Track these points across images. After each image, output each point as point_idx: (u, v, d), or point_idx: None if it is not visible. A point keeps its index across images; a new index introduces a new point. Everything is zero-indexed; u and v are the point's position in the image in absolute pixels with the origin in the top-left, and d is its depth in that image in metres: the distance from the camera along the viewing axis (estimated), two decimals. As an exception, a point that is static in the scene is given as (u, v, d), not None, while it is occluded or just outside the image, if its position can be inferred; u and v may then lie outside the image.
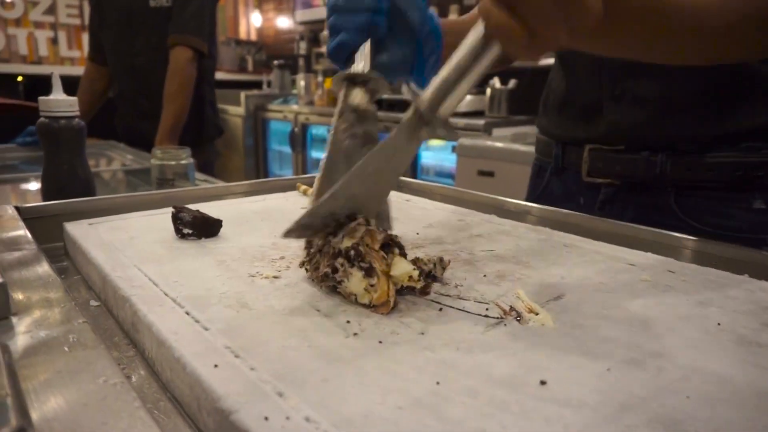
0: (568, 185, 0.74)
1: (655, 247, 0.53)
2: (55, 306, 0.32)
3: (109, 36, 1.45)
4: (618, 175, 0.66)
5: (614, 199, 0.68)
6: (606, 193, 0.69)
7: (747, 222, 0.60)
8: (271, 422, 0.24)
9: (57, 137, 0.71)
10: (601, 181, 0.68)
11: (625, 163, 0.65)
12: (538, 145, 0.81)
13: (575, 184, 0.72)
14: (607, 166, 0.67)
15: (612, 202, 0.68)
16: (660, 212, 0.64)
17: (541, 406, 0.26)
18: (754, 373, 0.30)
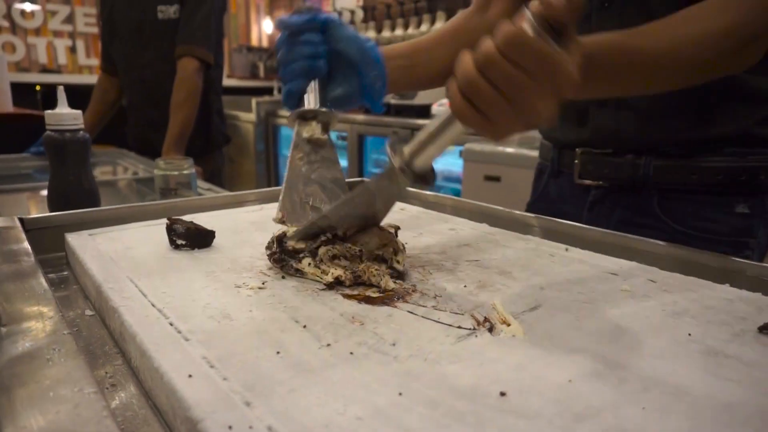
0: (563, 187, 0.76)
1: (641, 255, 0.53)
2: (43, 318, 0.34)
3: (119, 48, 1.49)
4: (605, 178, 0.68)
5: (603, 200, 0.70)
6: (595, 195, 0.70)
7: (729, 226, 0.61)
8: (235, 431, 0.25)
9: (62, 149, 0.74)
10: (590, 183, 0.70)
11: (611, 165, 0.67)
12: (541, 149, 0.83)
13: (569, 186, 0.74)
14: (596, 168, 0.69)
15: (601, 203, 0.70)
16: (644, 214, 0.65)
17: (497, 417, 0.27)
18: (715, 385, 0.30)
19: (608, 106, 0.66)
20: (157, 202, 0.69)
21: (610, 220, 0.68)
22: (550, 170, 0.77)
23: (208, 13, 1.38)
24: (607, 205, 0.69)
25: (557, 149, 0.75)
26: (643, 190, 0.66)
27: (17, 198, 1.12)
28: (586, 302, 0.42)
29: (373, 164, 3.00)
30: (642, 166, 0.64)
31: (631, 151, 0.65)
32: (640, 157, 0.64)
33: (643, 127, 0.64)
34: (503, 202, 0.85)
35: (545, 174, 0.79)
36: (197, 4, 1.37)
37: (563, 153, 0.74)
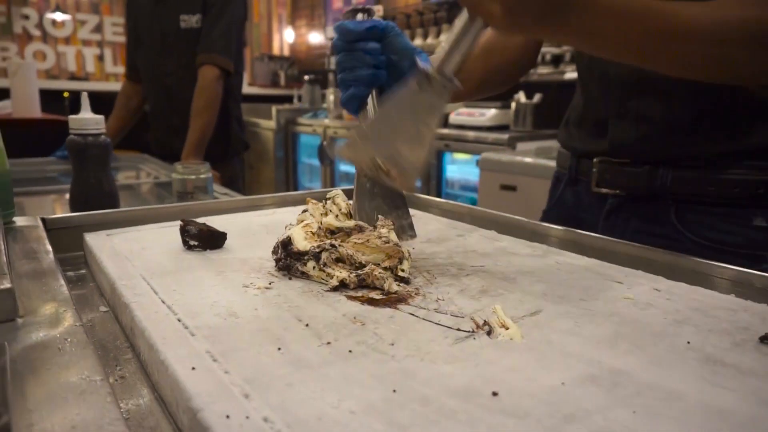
0: (580, 196, 0.76)
1: (648, 264, 0.53)
2: (58, 311, 0.35)
3: (143, 55, 1.53)
4: (622, 187, 0.68)
5: (619, 209, 0.69)
6: (612, 204, 0.70)
7: (746, 238, 0.60)
8: (232, 420, 0.26)
9: (85, 152, 0.76)
10: (607, 191, 0.70)
11: (628, 175, 0.67)
12: (558, 157, 0.83)
13: (586, 195, 0.74)
14: (613, 177, 0.69)
15: (617, 212, 0.70)
16: (660, 224, 0.65)
17: (487, 416, 0.27)
18: (709, 392, 0.30)
19: (628, 118, 0.66)
20: (172, 205, 0.71)
21: (626, 230, 0.68)
22: (567, 178, 0.78)
23: (229, 22, 1.42)
24: (623, 214, 0.69)
25: (575, 157, 0.76)
26: (660, 200, 0.65)
27: (42, 200, 1.16)
28: (587, 309, 0.42)
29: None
30: (659, 176, 0.64)
31: (649, 163, 0.65)
32: (658, 167, 0.64)
33: (661, 140, 0.64)
34: (519, 211, 0.85)
35: (562, 182, 0.79)
36: (219, 14, 1.41)
37: (581, 161, 0.74)
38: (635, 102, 0.65)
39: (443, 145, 2.42)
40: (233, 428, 0.26)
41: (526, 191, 1.82)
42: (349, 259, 0.48)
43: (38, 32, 5.38)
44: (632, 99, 0.65)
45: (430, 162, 2.45)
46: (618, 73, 0.66)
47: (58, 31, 5.47)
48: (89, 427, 0.22)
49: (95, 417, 0.23)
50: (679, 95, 0.62)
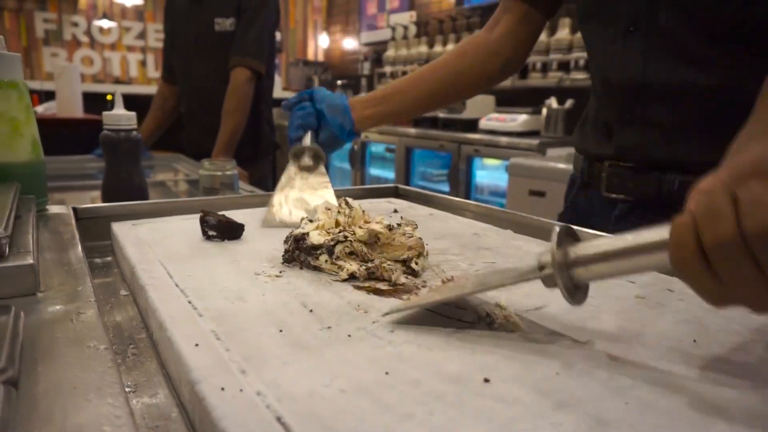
0: (591, 200, 0.75)
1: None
2: (75, 288, 0.37)
3: (179, 58, 1.59)
4: (631, 192, 0.67)
5: (628, 215, 0.68)
6: (621, 209, 0.69)
7: None
8: (226, 392, 0.27)
9: (117, 147, 0.80)
10: (617, 196, 0.69)
11: (636, 180, 0.66)
12: (574, 160, 0.82)
13: (597, 200, 0.73)
14: (621, 182, 0.68)
15: (626, 218, 0.69)
16: None
17: (476, 400, 0.28)
18: (708, 388, 0.30)
19: (633, 123, 0.65)
20: (196, 198, 0.73)
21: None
22: (579, 182, 0.77)
23: (261, 26, 1.45)
24: (632, 220, 0.68)
25: (587, 161, 0.75)
26: (669, 207, 0.64)
27: (80, 194, 1.22)
28: (595, 306, 0.42)
29: (420, 176, 3.01)
30: (667, 182, 0.63)
31: (656, 168, 0.64)
32: (665, 173, 0.63)
33: (668, 146, 0.63)
34: (547, 217, 0.84)
35: (576, 185, 0.78)
36: (252, 18, 1.44)
37: (592, 165, 0.74)
38: (640, 107, 0.64)
39: (473, 150, 2.41)
40: (227, 400, 0.27)
41: (554, 197, 1.80)
42: (362, 253, 0.49)
43: (86, 39, 5.62)
44: (636, 104, 0.65)
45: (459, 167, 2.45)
46: (620, 78, 0.66)
47: (104, 38, 5.71)
48: (88, 387, 0.24)
49: (95, 380, 0.25)
50: (684, 99, 0.61)
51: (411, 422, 0.26)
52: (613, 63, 0.67)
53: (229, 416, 0.25)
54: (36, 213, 0.56)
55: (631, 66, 0.64)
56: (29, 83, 1.72)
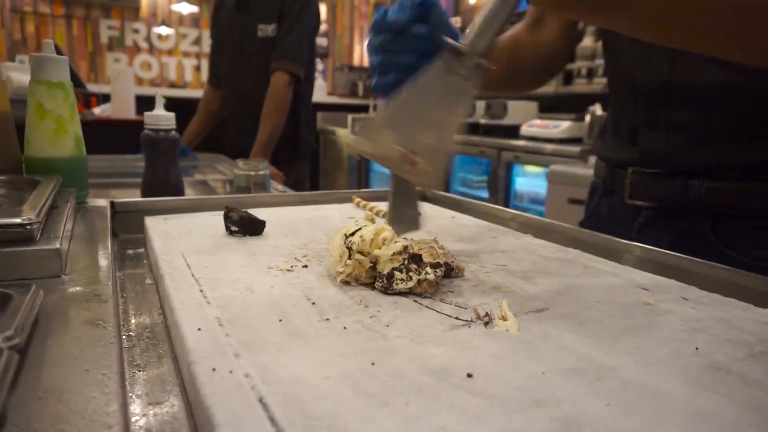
0: (614, 207, 0.73)
1: (682, 274, 0.51)
2: (97, 273, 0.40)
3: (224, 63, 1.65)
4: (656, 199, 0.65)
5: (653, 223, 0.66)
6: (645, 216, 0.67)
7: None
8: (216, 373, 0.29)
9: (156, 146, 0.84)
10: (641, 203, 0.67)
11: (661, 186, 0.64)
12: (595, 167, 0.81)
13: (620, 207, 0.71)
14: (646, 189, 0.66)
15: (650, 225, 0.67)
16: (696, 239, 0.61)
17: (454, 393, 0.28)
18: (700, 395, 0.29)
19: (659, 128, 0.63)
20: (226, 196, 0.77)
21: (659, 243, 0.64)
22: (602, 189, 0.75)
23: (301, 32, 1.49)
24: (657, 227, 0.66)
25: (609, 168, 0.73)
26: (696, 213, 0.62)
27: (125, 190, 1.28)
28: (600, 311, 0.41)
29: (460, 182, 3.00)
30: (693, 188, 0.61)
31: (682, 173, 0.62)
32: (692, 178, 0.61)
33: (695, 150, 0.61)
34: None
35: (597, 193, 0.77)
36: (292, 24, 1.49)
37: (615, 172, 0.72)
38: (665, 110, 0.62)
39: (513, 157, 2.38)
40: (215, 380, 0.28)
41: (594, 205, 1.75)
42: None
43: (146, 45, 5.92)
44: (662, 106, 0.63)
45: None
46: (647, 79, 0.64)
47: (162, 44, 5.99)
48: (88, 359, 0.26)
49: (97, 353, 0.27)
50: (713, 102, 0.58)
51: (385, 410, 0.26)
52: (638, 63, 0.65)
53: (215, 394, 0.27)
54: (75, 204, 0.60)
55: (657, 65, 0.63)
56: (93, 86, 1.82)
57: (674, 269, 0.53)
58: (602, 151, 0.75)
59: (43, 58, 0.60)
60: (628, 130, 0.67)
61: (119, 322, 0.32)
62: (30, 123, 0.60)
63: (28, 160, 0.62)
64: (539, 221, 0.72)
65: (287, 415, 0.25)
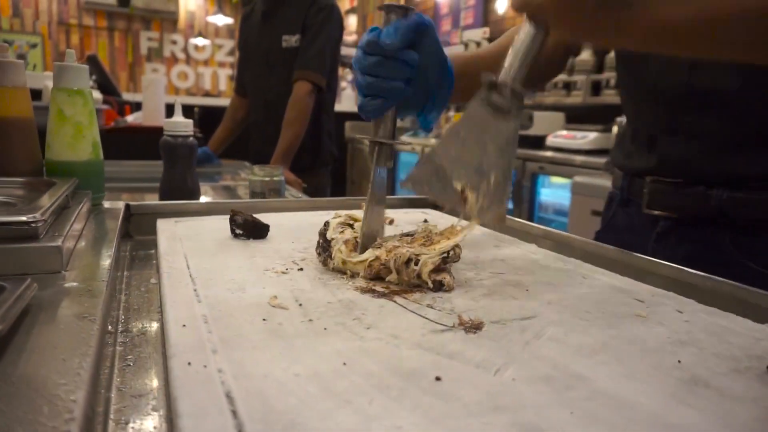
0: (631, 217, 0.72)
1: (683, 286, 0.49)
2: (96, 270, 0.42)
3: (250, 72, 1.70)
4: (674, 208, 0.64)
5: (670, 233, 0.65)
6: (663, 227, 0.66)
7: None
8: (191, 367, 0.30)
9: (174, 151, 0.87)
10: (659, 213, 0.66)
11: (680, 196, 0.63)
12: (613, 177, 0.79)
13: (637, 217, 0.70)
14: (664, 198, 0.65)
15: (668, 236, 0.65)
16: (716, 251, 0.60)
17: (418, 395, 0.28)
18: (671, 408, 0.28)
19: (679, 135, 0.62)
20: (238, 201, 0.79)
21: (677, 254, 0.63)
22: (619, 198, 0.74)
23: (324, 42, 1.52)
24: (674, 238, 0.65)
25: (627, 177, 0.72)
26: (715, 224, 0.60)
27: (147, 194, 1.33)
28: (587, 320, 0.41)
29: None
30: (713, 197, 0.59)
31: (702, 182, 0.60)
32: (712, 188, 0.59)
33: (715, 159, 0.59)
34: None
35: (614, 203, 0.75)
36: (315, 34, 1.52)
37: (633, 181, 0.71)
38: (687, 117, 0.61)
39: (537, 168, 2.35)
40: (189, 373, 0.29)
41: (618, 218, 1.72)
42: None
43: (183, 55, 6.10)
44: (683, 113, 0.61)
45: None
46: (668, 86, 0.62)
47: (199, 54, 6.17)
48: (67, 349, 0.27)
49: (76, 344, 0.28)
50: (735, 108, 0.57)
51: (347, 408, 0.27)
52: (658, 69, 0.64)
53: (184, 386, 0.28)
54: (90, 206, 0.62)
55: (677, 70, 0.61)
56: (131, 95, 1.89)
57: (676, 282, 0.51)
58: (620, 160, 0.73)
59: (64, 66, 0.63)
60: (646, 138, 0.66)
61: (106, 317, 0.33)
62: (51, 128, 0.64)
63: (48, 163, 0.65)
64: (545, 231, 0.71)
65: (250, 409, 0.26)
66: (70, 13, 5.55)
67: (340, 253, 0.51)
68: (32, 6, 5.38)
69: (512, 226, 0.77)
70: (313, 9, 1.53)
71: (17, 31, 5.35)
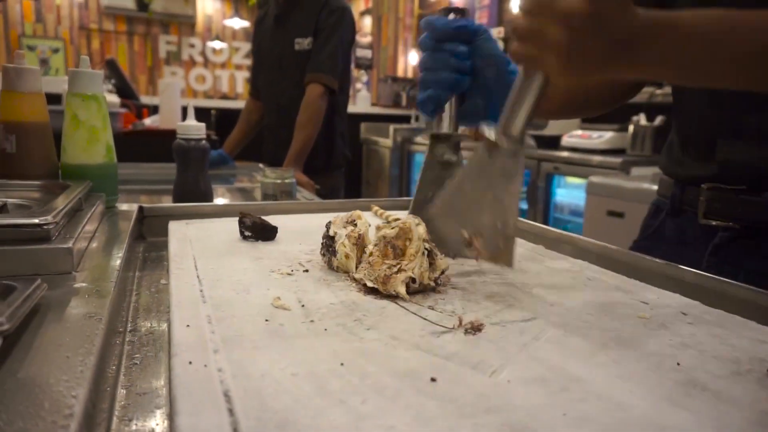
0: (683, 228, 0.68)
1: (695, 291, 0.49)
2: (105, 272, 0.43)
3: (263, 76, 1.72)
4: (737, 218, 0.60)
5: (731, 245, 0.61)
6: (722, 238, 0.62)
7: None
8: (192, 366, 0.31)
9: (187, 154, 0.89)
10: (718, 223, 0.61)
11: (744, 204, 0.59)
12: (660, 185, 0.76)
13: (691, 228, 0.66)
14: (725, 207, 0.61)
15: (728, 248, 0.61)
16: None
17: (412, 396, 0.29)
18: (665, 410, 0.28)
19: (742, 136, 0.58)
20: (248, 203, 0.80)
21: (737, 269, 0.59)
22: (669, 208, 0.69)
23: (336, 44, 1.53)
24: (735, 250, 0.60)
25: (679, 185, 0.67)
26: None
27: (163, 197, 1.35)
28: (587, 322, 0.41)
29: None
30: None
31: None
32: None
33: None
34: (624, 239, 0.78)
35: (663, 212, 0.71)
36: (327, 37, 1.53)
37: (687, 189, 0.66)
38: (753, 117, 0.57)
39: (552, 168, 2.33)
40: (189, 372, 0.30)
41: (634, 219, 1.69)
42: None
43: (201, 59, 6.18)
44: (749, 114, 0.57)
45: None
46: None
47: (216, 57, 6.24)
48: (71, 348, 0.28)
49: (80, 342, 0.29)
50: None
51: (340, 407, 0.27)
52: None
53: (184, 385, 0.29)
54: (104, 208, 0.64)
55: None
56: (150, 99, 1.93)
57: (685, 284, 0.51)
58: (670, 167, 0.69)
59: (79, 72, 0.65)
60: (704, 142, 0.63)
61: (113, 316, 0.34)
62: (66, 132, 0.66)
63: (63, 166, 0.67)
64: (556, 233, 0.71)
65: (246, 407, 0.27)
66: (90, 18, 5.66)
67: (344, 247, 0.51)
68: (54, 12, 5.51)
69: (522, 228, 0.77)
70: (325, 12, 1.54)
71: (40, 36, 5.48)
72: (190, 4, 5.98)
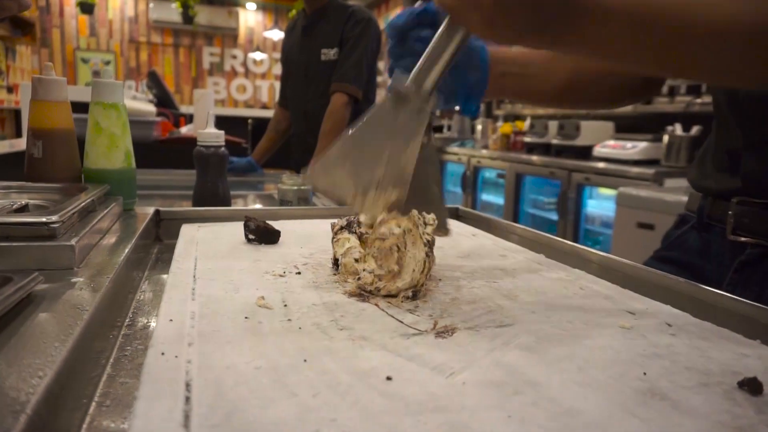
0: (709, 243, 0.65)
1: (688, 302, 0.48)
2: (104, 269, 0.46)
3: (291, 85, 1.76)
4: (765, 235, 0.57)
5: (759, 262, 0.58)
6: (750, 255, 0.59)
7: None
8: (164, 357, 0.33)
9: (206, 161, 0.92)
10: (747, 239, 0.59)
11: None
12: (689, 199, 0.74)
13: (717, 243, 0.64)
14: (754, 222, 0.58)
15: (755, 265, 0.58)
16: None
17: (362, 392, 0.30)
18: (616, 417, 0.28)
19: (766, 149, 0.56)
20: (260, 208, 0.82)
21: (763, 288, 0.57)
22: (696, 222, 0.67)
23: (361, 54, 1.56)
24: (763, 268, 0.58)
25: (708, 199, 0.65)
26: None
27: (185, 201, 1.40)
28: (564, 330, 0.40)
29: (530, 204, 2.92)
30: None
31: None
32: None
33: None
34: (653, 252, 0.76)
35: (688, 224, 0.69)
36: (353, 47, 1.56)
37: (715, 203, 0.64)
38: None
39: (583, 179, 2.29)
40: (160, 362, 0.32)
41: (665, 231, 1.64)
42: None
43: (242, 69, 6.38)
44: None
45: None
46: (751, 93, 0.56)
47: (257, 68, 6.42)
48: (54, 336, 0.31)
49: (63, 332, 0.32)
50: None
51: (291, 400, 0.29)
52: None
53: (150, 374, 0.30)
54: (120, 210, 0.68)
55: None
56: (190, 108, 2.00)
57: (680, 295, 0.50)
58: (699, 180, 0.67)
59: (101, 83, 0.69)
60: (730, 154, 0.61)
61: (101, 309, 0.37)
62: (88, 138, 0.70)
63: (85, 170, 0.71)
64: (559, 243, 0.70)
65: (203, 396, 0.28)
66: (140, 31, 5.93)
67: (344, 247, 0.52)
68: (107, 26, 5.80)
69: (526, 236, 0.76)
70: (351, 22, 1.57)
71: (93, 49, 5.78)
72: (233, 16, 6.19)
